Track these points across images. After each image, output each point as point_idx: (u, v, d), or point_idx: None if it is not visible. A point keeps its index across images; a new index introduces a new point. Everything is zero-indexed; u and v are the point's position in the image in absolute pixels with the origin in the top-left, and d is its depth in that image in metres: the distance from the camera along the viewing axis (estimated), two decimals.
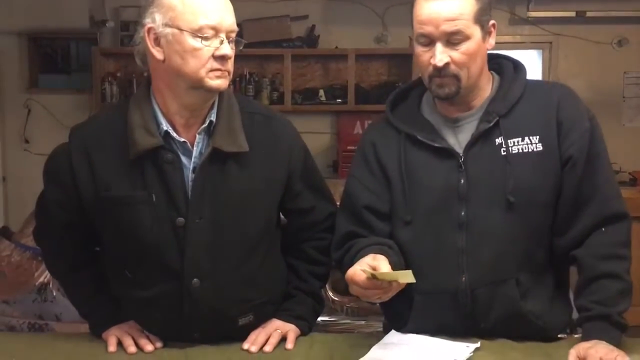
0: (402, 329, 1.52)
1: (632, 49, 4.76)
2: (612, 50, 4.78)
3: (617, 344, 1.35)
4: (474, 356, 1.38)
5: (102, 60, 4.84)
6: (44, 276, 2.49)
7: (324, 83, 4.86)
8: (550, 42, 4.81)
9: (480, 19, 1.43)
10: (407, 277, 1.29)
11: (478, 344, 1.42)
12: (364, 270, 1.31)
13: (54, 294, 2.46)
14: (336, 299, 2.47)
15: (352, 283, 1.34)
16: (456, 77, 1.43)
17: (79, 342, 1.53)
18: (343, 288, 2.57)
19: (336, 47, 4.79)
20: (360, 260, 1.37)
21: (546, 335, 1.50)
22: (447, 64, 1.42)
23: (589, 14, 4.68)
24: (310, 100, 4.76)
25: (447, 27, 1.40)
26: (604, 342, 1.34)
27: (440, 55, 1.41)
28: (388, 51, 4.80)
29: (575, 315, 1.50)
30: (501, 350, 1.41)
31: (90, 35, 4.96)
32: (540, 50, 4.87)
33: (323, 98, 4.77)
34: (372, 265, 1.33)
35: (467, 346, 1.41)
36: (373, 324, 2.18)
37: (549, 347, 1.43)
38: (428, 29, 1.41)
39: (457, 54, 1.42)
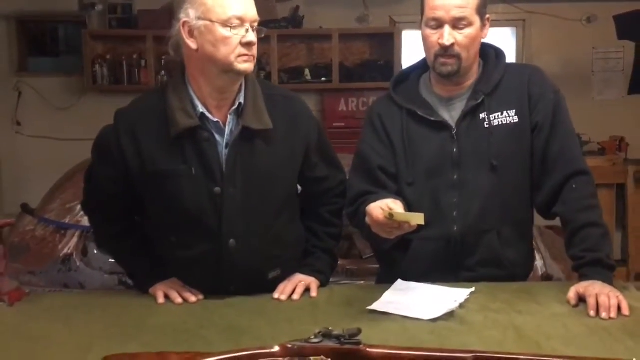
0: (397, 271, 1.77)
1: (600, 26, 5.00)
2: (581, 27, 5.02)
3: (610, 282, 1.61)
4: (471, 297, 1.63)
5: (91, 42, 4.94)
6: (68, 248, 2.67)
7: (309, 62, 5.02)
8: (524, 20, 5.04)
9: (481, 11, 1.72)
10: (418, 219, 1.54)
11: (473, 289, 1.67)
12: (382, 209, 1.55)
13: (78, 264, 2.64)
14: None
15: (370, 216, 1.60)
16: (458, 57, 1.71)
17: (130, 297, 1.75)
18: (343, 252, 2.81)
19: (320, 28, 4.96)
20: (382, 200, 1.61)
21: (514, 280, 1.77)
22: (452, 45, 1.69)
23: None
24: (296, 79, 4.92)
25: (456, 13, 1.68)
26: (600, 281, 1.59)
27: (448, 36, 1.68)
28: (370, 31, 4.99)
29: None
30: (492, 293, 1.66)
31: (78, 19, 5.06)
32: (515, 28, 5.10)
33: (308, 77, 4.93)
34: (390, 206, 1.57)
35: (465, 290, 1.66)
36: (371, 284, 2.43)
37: (533, 289, 1.70)
38: (440, 13, 1.68)
39: (461, 37, 1.69)
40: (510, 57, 4.99)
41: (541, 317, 1.51)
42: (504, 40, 5.08)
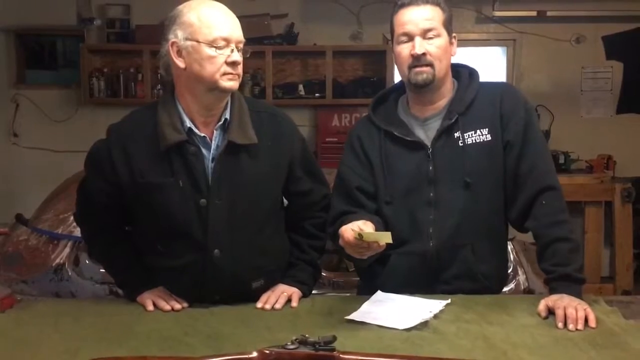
0: (375, 284, 1.83)
1: (588, 46, 5.10)
2: (570, 47, 5.12)
3: (579, 295, 1.67)
4: (445, 309, 1.69)
5: (89, 56, 5.01)
6: (60, 257, 2.73)
7: (303, 78, 5.09)
8: (514, 40, 5.14)
9: (447, 26, 1.81)
10: (386, 237, 1.60)
11: (449, 300, 1.74)
12: (352, 230, 1.62)
13: (70, 273, 2.70)
14: (324, 274, 2.76)
15: (342, 238, 1.66)
16: (431, 66, 1.78)
17: (118, 304, 1.81)
18: (331, 265, 2.88)
19: (314, 44, 5.04)
20: (353, 222, 1.68)
21: (488, 292, 1.84)
22: (424, 54, 1.77)
23: (549, 13, 5.03)
24: (290, 95, 5.00)
25: (424, 24, 1.77)
26: (568, 295, 1.65)
27: (419, 46, 1.77)
28: (363, 48, 5.08)
29: None
30: (467, 304, 1.73)
31: (76, 32, 5.14)
32: (505, 47, 5.19)
33: (302, 92, 5.01)
34: (360, 227, 1.64)
35: (440, 302, 1.73)
36: (352, 295, 2.49)
37: (506, 301, 1.76)
38: (409, 27, 1.78)
39: (431, 47, 1.78)
40: (501, 76, 5.09)
41: (510, 328, 1.57)
42: (495, 59, 5.17)
